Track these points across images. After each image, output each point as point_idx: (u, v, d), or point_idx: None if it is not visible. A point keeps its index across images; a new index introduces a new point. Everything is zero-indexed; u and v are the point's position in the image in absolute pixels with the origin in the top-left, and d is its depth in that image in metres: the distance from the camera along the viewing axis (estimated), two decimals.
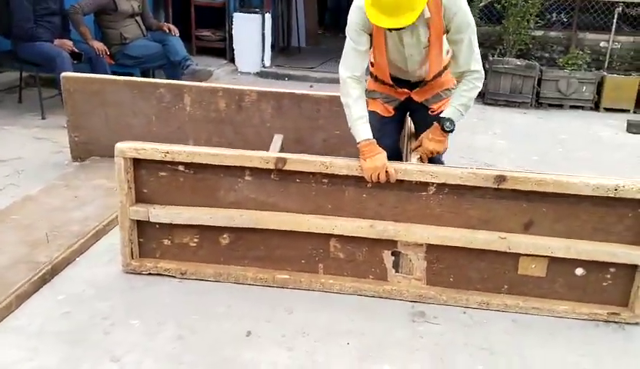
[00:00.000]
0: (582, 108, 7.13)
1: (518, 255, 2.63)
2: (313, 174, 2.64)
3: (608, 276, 2.61)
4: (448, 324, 2.57)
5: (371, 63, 2.95)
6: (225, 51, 8.61)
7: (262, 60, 8.43)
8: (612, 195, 2.45)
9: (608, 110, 7.07)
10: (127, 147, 2.67)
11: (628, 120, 6.29)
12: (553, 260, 2.61)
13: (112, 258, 2.98)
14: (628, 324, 2.60)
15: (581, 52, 7.16)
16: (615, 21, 7.17)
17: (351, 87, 2.64)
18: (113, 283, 2.77)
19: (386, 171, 2.54)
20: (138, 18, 5.71)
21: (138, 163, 2.72)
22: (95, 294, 2.67)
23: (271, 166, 2.62)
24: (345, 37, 2.67)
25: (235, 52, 8.44)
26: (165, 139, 4.09)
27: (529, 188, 2.50)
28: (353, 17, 2.61)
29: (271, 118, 4.00)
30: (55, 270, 2.78)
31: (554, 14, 7.25)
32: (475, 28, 2.63)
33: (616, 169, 4.94)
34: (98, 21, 5.62)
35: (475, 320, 2.61)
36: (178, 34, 5.86)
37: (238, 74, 8.38)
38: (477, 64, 2.64)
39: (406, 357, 2.34)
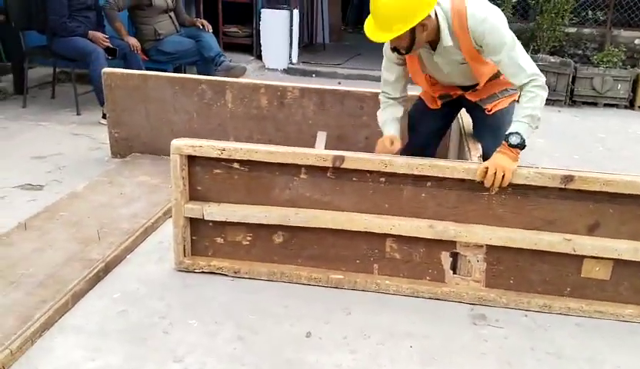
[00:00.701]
0: (617, 106, 7.02)
1: (582, 257, 2.56)
2: (370, 172, 2.58)
3: None
4: (510, 327, 2.51)
5: None
6: (252, 48, 8.59)
7: (290, 56, 8.39)
8: None
9: None
10: (183, 144, 2.63)
11: None
12: (618, 263, 2.54)
13: (162, 256, 2.95)
14: None
15: (616, 49, 7.04)
16: None
17: (381, 102, 2.90)
18: (166, 281, 2.74)
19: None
20: (172, 14, 5.70)
21: (192, 160, 2.69)
22: (149, 293, 2.64)
23: (329, 164, 2.57)
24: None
25: (262, 48, 8.42)
26: (206, 136, 4.05)
27: (597, 189, 2.43)
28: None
29: (314, 115, 3.95)
30: (108, 268, 2.75)
31: (589, 11, 7.12)
32: (514, 40, 2.47)
33: None
34: (132, 17, 5.61)
35: (538, 323, 2.54)
36: (212, 30, 5.83)
37: (265, 70, 8.36)
38: (530, 74, 2.45)
39: (473, 362, 2.28)
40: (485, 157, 2.83)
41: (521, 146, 2.44)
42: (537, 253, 2.58)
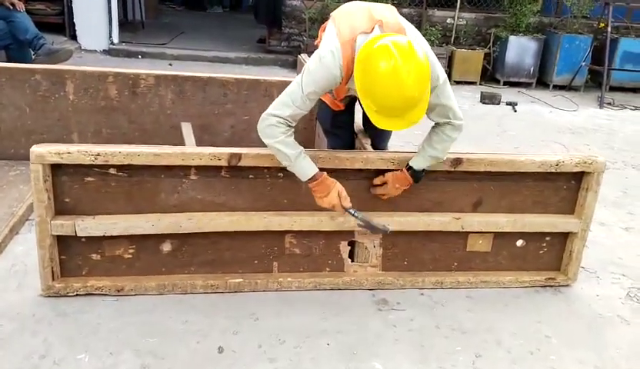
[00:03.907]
0: None
1: (467, 233, 2.71)
2: (268, 168, 2.44)
3: (544, 244, 2.81)
4: (413, 308, 2.58)
5: None
6: (64, 27, 7.69)
7: (110, 36, 7.69)
8: (554, 170, 2.62)
9: (458, 82, 7.64)
10: (46, 151, 2.23)
11: (481, 92, 6.89)
12: (497, 235, 2.74)
13: (21, 282, 2.52)
14: (561, 286, 2.83)
15: (433, 28, 7.61)
16: None
17: (278, 129, 2.24)
18: (36, 311, 2.33)
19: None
20: None
21: (58, 168, 2.30)
22: (18, 328, 2.23)
23: (224, 163, 2.38)
24: None
25: (76, 28, 7.60)
26: (43, 133, 3.59)
27: (482, 169, 2.58)
28: (320, 84, 2.22)
29: (172, 105, 3.64)
30: None
31: None
32: (446, 77, 2.30)
33: (489, 138, 5.38)
34: None
35: (434, 300, 2.65)
36: (24, 9, 5.07)
37: (82, 52, 7.59)
38: (453, 115, 2.34)
39: (389, 349, 2.30)
40: (374, 145, 2.85)
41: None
42: (428, 233, 2.68)
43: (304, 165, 2.30)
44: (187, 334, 2.28)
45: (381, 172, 2.52)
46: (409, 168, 2.45)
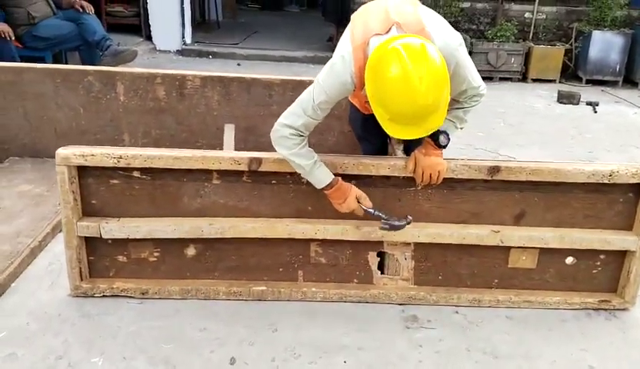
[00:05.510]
0: (511, 79, 7.23)
1: (509, 248, 2.50)
2: (291, 173, 2.35)
3: (598, 263, 2.54)
4: (444, 327, 2.40)
5: None
6: (140, 28, 8.00)
7: (183, 36, 7.89)
8: (607, 181, 2.36)
9: (535, 80, 7.23)
10: (71, 153, 2.26)
11: (559, 90, 6.43)
12: (543, 251, 2.51)
13: (55, 280, 2.58)
14: (617, 310, 2.55)
15: (508, 24, 7.22)
16: None
17: (291, 141, 2.15)
18: (62, 311, 2.38)
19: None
20: None
21: (84, 170, 2.33)
22: (42, 328, 2.28)
23: (244, 168, 2.32)
24: None
25: (151, 29, 7.86)
26: (96, 133, 3.68)
27: (523, 178, 2.36)
28: (330, 92, 2.09)
29: (218, 106, 3.64)
30: None
31: None
32: (463, 43, 2.10)
33: (561, 140, 5.02)
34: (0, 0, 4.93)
35: (469, 320, 2.46)
36: (93, 12, 5.27)
37: (157, 53, 7.83)
38: (472, 83, 2.17)
39: None
40: (408, 151, 2.69)
41: (446, 147, 2.30)
42: (465, 246, 2.49)
43: (318, 174, 2.20)
44: (202, 343, 2.24)
45: (409, 179, 2.37)
46: (435, 139, 2.25)
